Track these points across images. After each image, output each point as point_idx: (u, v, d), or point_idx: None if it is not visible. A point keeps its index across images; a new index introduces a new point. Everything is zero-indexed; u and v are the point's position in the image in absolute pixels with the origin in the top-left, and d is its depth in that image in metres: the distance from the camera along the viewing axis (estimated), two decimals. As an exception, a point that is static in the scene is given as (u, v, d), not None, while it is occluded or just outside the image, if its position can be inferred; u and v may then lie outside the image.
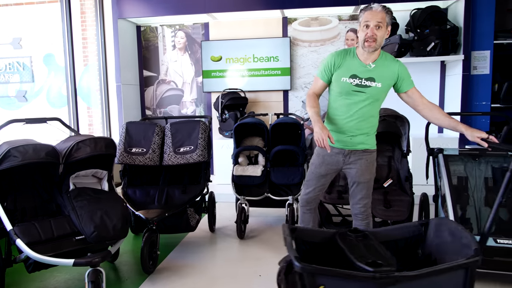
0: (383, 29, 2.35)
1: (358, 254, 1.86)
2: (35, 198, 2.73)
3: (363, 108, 2.49)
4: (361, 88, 2.45)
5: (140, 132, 3.45)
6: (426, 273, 1.65)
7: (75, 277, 2.89)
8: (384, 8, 2.37)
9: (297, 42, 5.53)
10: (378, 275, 1.63)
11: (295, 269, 1.71)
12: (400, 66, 2.49)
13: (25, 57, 6.40)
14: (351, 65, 2.47)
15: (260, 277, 2.87)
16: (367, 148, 2.56)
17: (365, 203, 2.62)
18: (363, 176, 2.57)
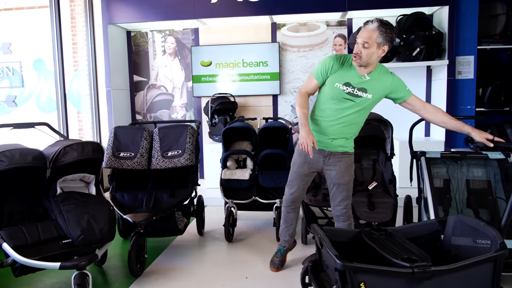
0: (370, 48, 2.34)
1: (390, 251, 1.94)
2: (22, 202, 2.75)
3: (350, 115, 2.57)
4: (352, 97, 2.51)
5: (128, 136, 3.47)
6: (459, 266, 1.79)
7: (62, 281, 2.90)
8: (379, 26, 2.33)
9: (286, 47, 5.60)
10: (416, 270, 1.73)
11: (337, 267, 1.79)
12: (394, 79, 2.54)
13: (15, 62, 6.40)
14: (347, 73, 2.51)
15: (246, 279, 2.90)
16: (346, 150, 2.64)
17: (346, 204, 2.71)
18: (343, 178, 2.65)
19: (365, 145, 3.45)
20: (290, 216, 2.92)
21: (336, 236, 2.25)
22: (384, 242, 2.09)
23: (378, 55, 2.40)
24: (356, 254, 2.15)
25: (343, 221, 2.72)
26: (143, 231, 3.02)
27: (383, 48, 2.38)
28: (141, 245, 2.99)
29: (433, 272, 1.75)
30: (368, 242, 2.12)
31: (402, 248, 1.99)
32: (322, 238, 2.04)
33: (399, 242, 2.08)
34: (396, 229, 2.29)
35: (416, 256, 1.87)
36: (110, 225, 2.63)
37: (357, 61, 2.40)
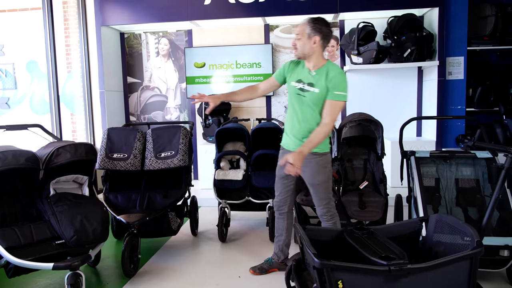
0: (302, 40, 2.57)
1: (370, 250, 1.99)
2: (15, 204, 2.76)
3: (303, 111, 2.66)
4: (303, 92, 2.65)
5: (121, 138, 3.49)
6: (435, 264, 1.82)
7: (56, 282, 2.91)
8: (309, 20, 2.58)
9: (279, 48, 5.63)
10: (392, 268, 1.76)
11: (315, 266, 1.81)
12: (335, 76, 2.56)
13: (7, 64, 6.38)
14: (299, 71, 2.71)
15: (239, 278, 2.93)
16: (315, 151, 2.63)
17: (325, 204, 2.72)
18: (316, 178, 2.68)
19: (356, 145, 3.50)
20: (278, 223, 2.95)
21: (320, 235, 2.29)
22: (365, 241, 2.13)
23: (311, 45, 2.57)
24: (339, 253, 2.19)
25: (327, 221, 2.74)
26: (137, 231, 3.04)
27: (314, 39, 2.56)
28: (134, 245, 3.01)
29: (410, 270, 1.78)
30: (349, 241, 2.16)
31: (382, 247, 2.03)
32: (302, 237, 2.08)
33: (380, 241, 2.12)
34: (379, 228, 2.33)
35: (394, 254, 1.90)
36: (103, 226, 2.65)
37: (295, 53, 2.63)
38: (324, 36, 2.57)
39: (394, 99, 5.44)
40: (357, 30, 5.06)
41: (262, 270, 2.99)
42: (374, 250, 2.00)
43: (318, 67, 2.62)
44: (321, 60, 2.63)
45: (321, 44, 2.58)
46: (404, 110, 5.38)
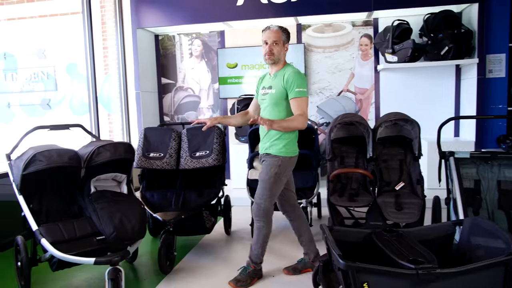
0: (279, 45, 2.71)
1: (398, 253, 1.95)
2: (59, 201, 2.88)
3: (267, 113, 2.79)
4: (265, 96, 2.82)
5: (157, 137, 3.57)
6: (467, 270, 1.74)
7: (96, 276, 3.02)
8: (280, 28, 2.74)
9: (311, 48, 5.60)
10: (420, 272, 1.71)
11: (340, 267, 1.80)
12: (289, 75, 2.68)
13: (49, 67, 6.66)
14: (265, 80, 2.90)
15: (273, 278, 2.93)
16: (269, 152, 2.77)
17: (258, 203, 2.78)
18: (261, 175, 2.80)
19: (391, 145, 3.43)
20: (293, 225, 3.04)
21: (347, 236, 2.26)
22: (394, 243, 2.09)
23: (284, 52, 2.76)
24: (367, 256, 2.15)
25: (256, 222, 2.83)
26: (173, 229, 3.10)
27: (286, 46, 2.77)
28: (170, 243, 3.07)
29: (439, 275, 1.72)
30: (378, 243, 2.12)
31: (411, 250, 1.97)
32: (327, 238, 2.06)
33: (409, 244, 2.07)
34: (409, 230, 2.27)
35: (422, 258, 1.85)
36: (141, 223, 2.72)
37: (271, 58, 2.73)
38: (288, 43, 2.79)
39: (430, 98, 5.30)
40: (391, 28, 4.95)
41: (295, 270, 2.99)
42: (402, 253, 1.95)
43: (278, 70, 2.79)
44: (282, 65, 2.80)
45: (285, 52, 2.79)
46: (441, 109, 5.23)
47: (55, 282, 2.96)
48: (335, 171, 3.23)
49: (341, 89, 5.59)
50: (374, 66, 5.46)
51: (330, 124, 3.40)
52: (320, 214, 4.38)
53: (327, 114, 5.57)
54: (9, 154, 2.90)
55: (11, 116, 6.88)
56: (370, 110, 5.56)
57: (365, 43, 5.51)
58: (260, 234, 2.82)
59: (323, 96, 5.63)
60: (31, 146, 2.77)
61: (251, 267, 2.88)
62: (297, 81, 2.65)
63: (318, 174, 3.85)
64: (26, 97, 6.82)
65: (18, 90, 6.84)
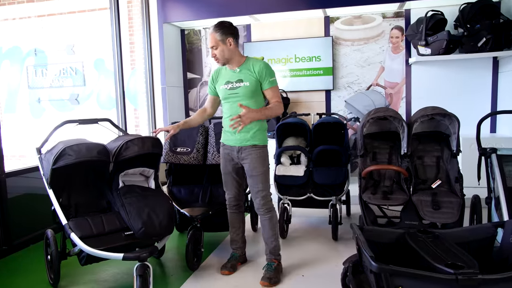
0: (219, 48, 2.74)
1: (435, 256, 1.83)
2: (88, 195, 2.87)
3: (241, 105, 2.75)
4: (234, 90, 2.80)
5: (184, 132, 3.53)
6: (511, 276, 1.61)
7: (123, 271, 3.01)
8: (215, 27, 2.74)
9: (340, 41, 5.45)
10: (460, 277, 1.60)
11: (372, 269, 1.70)
12: (261, 67, 2.75)
13: (77, 62, 6.75)
14: (224, 75, 2.87)
15: (303, 277, 2.85)
16: (255, 143, 2.79)
17: (263, 195, 2.81)
18: (255, 170, 2.79)
19: (427, 141, 3.28)
20: (232, 216, 3.04)
21: (379, 236, 2.15)
22: (429, 245, 1.96)
23: (229, 48, 2.74)
24: (399, 258, 2.04)
25: (263, 214, 2.84)
26: (200, 225, 3.05)
27: (229, 40, 2.73)
28: (197, 239, 3.03)
29: (480, 281, 1.59)
30: (412, 244, 2.00)
31: (449, 253, 1.85)
32: (358, 239, 1.95)
33: (446, 246, 1.94)
34: (446, 232, 2.14)
35: (462, 262, 1.72)
36: (169, 219, 2.68)
37: (219, 62, 2.81)
38: (234, 35, 2.75)
39: (465, 92, 5.07)
40: (425, 19, 4.75)
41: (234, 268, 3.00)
42: (439, 256, 1.83)
43: (240, 63, 2.80)
44: (241, 58, 2.81)
45: (235, 43, 2.76)
46: (477, 104, 5.00)
47: (83, 276, 2.96)
48: (369, 168, 3.11)
49: (370, 83, 5.43)
50: (405, 59, 5.27)
51: (362, 119, 3.27)
52: (349, 211, 4.26)
53: (356, 109, 5.41)
54: (39, 148, 2.92)
55: (41, 111, 7.02)
56: (401, 105, 5.37)
57: (396, 35, 5.32)
58: (272, 225, 2.86)
59: (351, 91, 5.48)
60: (60, 141, 2.76)
61: (275, 262, 2.86)
62: (269, 72, 2.77)
63: (348, 171, 3.73)
64: (56, 92, 6.94)
65: (48, 85, 6.97)
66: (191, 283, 2.83)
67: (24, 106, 7.11)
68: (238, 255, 3.07)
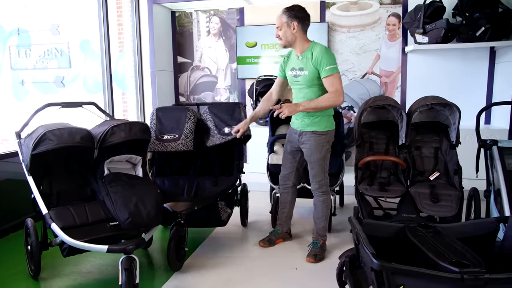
0: (283, 29, 2.76)
1: (438, 252, 1.73)
2: (71, 183, 2.72)
3: (304, 95, 2.84)
4: (297, 78, 2.84)
5: (171, 118, 3.32)
6: None
7: (108, 263, 2.87)
8: (284, 10, 2.77)
9: (335, 27, 5.31)
10: (466, 276, 1.51)
11: (373, 267, 1.60)
12: (318, 54, 2.70)
13: (62, 43, 6.48)
14: (291, 60, 2.90)
15: (296, 270, 2.75)
16: (315, 130, 2.82)
17: (318, 180, 2.90)
18: (312, 156, 2.85)
19: (426, 131, 3.18)
20: (283, 197, 3.16)
21: (377, 230, 2.07)
22: (431, 241, 1.88)
23: (292, 32, 2.75)
24: (399, 253, 1.96)
25: (318, 196, 2.95)
26: (184, 221, 2.82)
27: (293, 25, 2.73)
28: (181, 236, 2.78)
29: (488, 281, 1.51)
30: (412, 239, 1.92)
31: (452, 250, 1.76)
32: (358, 234, 1.86)
33: (448, 242, 1.85)
34: (446, 227, 2.06)
35: (467, 260, 1.64)
36: (157, 209, 2.54)
37: (281, 43, 2.84)
38: (300, 20, 2.74)
39: (461, 82, 4.98)
40: (423, 7, 4.62)
41: (271, 242, 3.16)
42: (442, 252, 1.74)
43: (303, 50, 2.78)
44: (305, 44, 2.79)
45: (301, 28, 2.74)
46: (472, 95, 4.92)
47: (66, 267, 2.82)
48: (366, 158, 3.01)
49: (365, 71, 5.31)
50: (401, 48, 5.15)
51: (360, 107, 3.16)
52: (342, 202, 4.17)
53: (350, 98, 5.31)
54: (19, 132, 2.74)
55: (25, 93, 6.76)
56: (395, 94, 5.27)
57: (392, 22, 5.19)
58: (324, 207, 2.95)
59: (346, 79, 5.35)
60: (41, 125, 2.59)
61: (321, 241, 2.95)
62: (326, 59, 2.67)
63: (343, 160, 3.62)
64: (40, 74, 6.67)
65: (32, 67, 6.70)
66: (180, 275, 2.71)
67: (7, 88, 6.84)
68: (278, 231, 3.20)
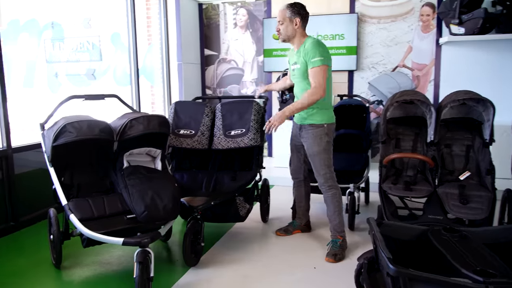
0: (285, 24, 2.80)
1: (462, 259, 1.62)
2: (91, 175, 2.75)
3: (299, 87, 2.91)
4: (294, 72, 2.93)
5: (189, 112, 3.27)
6: None
7: (127, 254, 2.90)
8: (287, 5, 2.82)
9: (365, 18, 5.12)
10: (492, 287, 1.41)
11: (389, 273, 1.52)
12: (307, 48, 2.73)
13: (94, 36, 6.61)
14: (291, 55, 2.99)
15: (315, 270, 2.68)
16: (312, 122, 2.84)
17: (322, 174, 2.86)
18: (311, 149, 2.87)
19: (457, 128, 3.00)
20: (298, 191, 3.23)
21: (398, 232, 1.95)
22: (455, 246, 1.75)
23: (293, 27, 2.80)
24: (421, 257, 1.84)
25: (325, 192, 2.90)
26: (201, 216, 2.78)
27: (296, 21, 2.79)
28: (197, 231, 2.73)
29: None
30: (435, 244, 1.79)
31: (478, 257, 1.63)
32: (375, 236, 1.75)
33: (475, 248, 1.72)
34: (475, 231, 1.91)
35: (494, 269, 1.51)
36: (174, 203, 2.53)
37: (280, 37, 2.88)
38: (303, 17, 2.81)
39: (500, 76, 4.70)
40: (460, -4, 4.38)
41: (287, 232, 3.24)
42: (467, 260, 1.61)
43: (300, 45, 2.83)
44: (302, 39, 2.83)
45: (301, 25, 2.81)
46: (512, 89, 4.64)
47: (87, 257, 2.87)
48: (391, 155, 2.87)
49: (396, 64, 5.10)
50: (435, 39, 4.92)
51: (386, 102, 3.02)
52: (367, 199, 4.03)
53: (379, 92, 5.13)
54: (43, 123, 2.80)
55: (58, 86, 6.96)
56: (428, 89, 5.05)
57: (426, 12, 4.96)
58: (335, 201, 2.89)
59: (375, 72, 5.17)
60: (63, 116, 2.63)
61: (339, 238, 2.88)
62: (312, 52, 2.70)
63: (369, 157, 3.50)
64: (72, 66, 6.84)
65: (65, 59, 6.88)
66: (196, 270, 2.69)
67: (42, 81, 7.06)
68: (296, 223, 3.28)
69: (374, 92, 5.14)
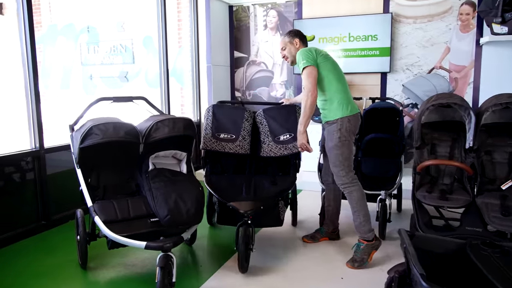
0: (287, 48, 2.98)
1: (504, 278, 1.49)
2: (117, 177, 2.76)
3: None
4: None
5: (228, 116, 3.20)
6: None
7: (152, 257, 2.87)
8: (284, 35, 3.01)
9: (400, 18, 4.93)
10: None
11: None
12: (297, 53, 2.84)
13: (127, 40, 6.74)
14: None
15: (342, 280, 2.57)
16: (327, 120, 2.84)
17: (337, 171, 2.77)
18: (327, 146, 2.84)
19: (499, 134, 2.81)
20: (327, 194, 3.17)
21: (432, 245, 1.81)
22: (496, 263, 1.59)
23: (295, 47, 2.95)
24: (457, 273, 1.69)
25: (342, 190, 2.82)
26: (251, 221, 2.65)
27: (295, 41, 2.96)
28: (248, 237, 2.61)
29: None
30: (474, 260, 1.64)
31: None
32: (407, 250, 1.62)
33: None
34: None
35: None
36: (197, 207, 2.49)
37: (288, 61, 3.03)
38: (300, 38, 2.97)
39: (547, 78, 4.40)
40: (503, -7, 4.13)
41: (314, 239, 3.18)
42: (509, 279, 1.47)
43: None
44: None
45: (301, 44, 2.95)
46: (560, 92, 4.32)
47: (112, 258, 2.88)
48: (426, 162, 2.72)
49: (432, 65, 4.88)
50: (475, 39, 4.66)
51: (421, 105, 2.86)
52: (400, 207, 3.86)
53: (414, 94, 4.92)
54: (72, 125, 2.84)
55: (93, 88, 7.14)
56: (467, 91, 4.79)
57: (466, 11, 4.71)
58: (353, 201, 2.76)
59: (410, 74, 4.97)
60: (91, 119, 2.65)
61: (363, 242, 2.73)
62: (298, 60, 2.81)
63: (401, 163, 3.34)
64: (106, 69, 7.01)
65: (99, 62, 7.05)
66: (220, 276, 2.64)
67: (78, 83, 7.27)
68: (324, 230, 3.20)
69: (408, 95, 4.94)
